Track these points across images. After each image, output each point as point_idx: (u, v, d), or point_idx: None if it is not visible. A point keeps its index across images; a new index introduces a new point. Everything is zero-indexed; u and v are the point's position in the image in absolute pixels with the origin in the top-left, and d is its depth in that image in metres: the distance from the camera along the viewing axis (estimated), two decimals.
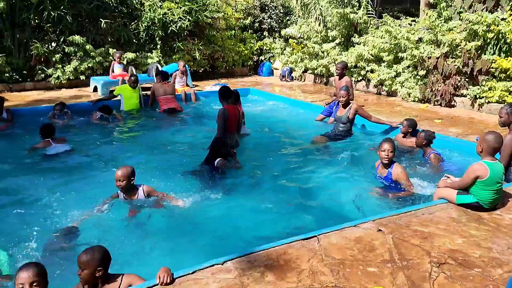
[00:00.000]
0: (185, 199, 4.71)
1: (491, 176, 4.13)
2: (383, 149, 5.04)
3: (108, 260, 3.00)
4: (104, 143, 7.11)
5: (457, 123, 8.04)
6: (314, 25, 12.81)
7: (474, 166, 4.22)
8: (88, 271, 2.89)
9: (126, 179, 4.38)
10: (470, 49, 9.11)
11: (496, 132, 4.29)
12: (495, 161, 4.23)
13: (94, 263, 2.89)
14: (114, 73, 10.73)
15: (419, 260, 3.39)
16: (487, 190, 4.18)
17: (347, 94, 7.31)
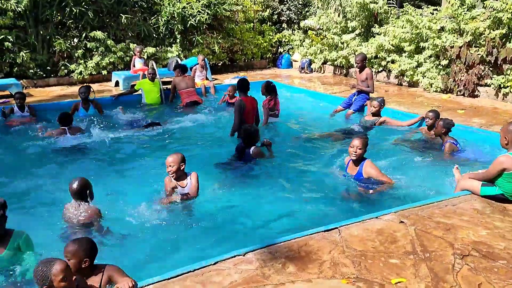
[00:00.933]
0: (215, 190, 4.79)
1: None
2: (352, 145, 4.88)
3: (95, 251, 3.00)
4: (129, 138, 7.20)
5: (480, 114, 7.89)
6: (334, 16, 12.67)
7: (500, 158, 4.13)
8: (75, 261, 2.89)
9: (177, 165, 4.48)
10: (494, 38, 8.89)
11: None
12: None
13: (81, 254, 2.90)
14: (135, 68, 10.85)
15: (442, 252, 3.36)
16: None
17: (379, 105, 7.41)
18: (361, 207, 4.50)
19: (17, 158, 6.30)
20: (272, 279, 3.01)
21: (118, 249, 3.82)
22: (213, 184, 4.97)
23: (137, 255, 3.76)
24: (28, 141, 6.81)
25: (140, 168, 5.85)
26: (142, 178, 5.42)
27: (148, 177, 5.35)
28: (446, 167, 5.36)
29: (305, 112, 9.00)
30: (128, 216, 4.24)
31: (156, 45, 12.54)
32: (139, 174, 5.59)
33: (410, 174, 5.35)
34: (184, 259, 3.50)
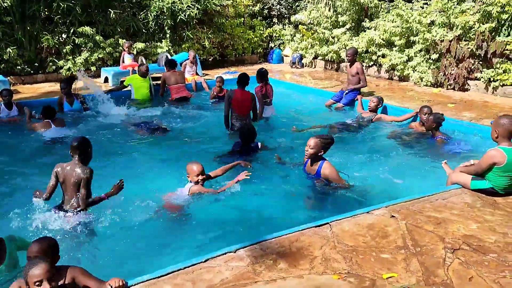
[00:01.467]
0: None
1: (509, 162, 4.04)
2: (306, 145, 4.80)
3: (56, 252, 2.90)
4: (116, 134, 7.13)
5: (471, 107, 7.92)
6: (324, 10, 12.63)
7: (490, 152, 4.13)
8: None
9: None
10: (484, 31, 8.92)
11: (509, 115, 4.21)
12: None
13: (43, 254, 2.76)
14: (124, 64, 10.75)
15: (433, 246, 3.36)
16: (504, 176, 4.10)
17: (378, 102, 7.47)
18: (352, 202, 4.49)
19: (5, 157, 6.21)
20: (263, 276, 2.99)
21: (107, 248, 3.78)
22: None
23: (126, 253, 3.72)
24: (15, 138, 6.73)
25: (133, 165, 5.77)
26: (135, 175, 5.35)
27: (141, 174, 5.30)
28: (436, 161, 5.39)
29: (297, 107, 8.97)
30: (117, 214, 4.18)
31: (145, 40, 12.42)
32: (133, 172, 5.51)
33: (401, 169, 5.37)
34: (175, 257, 3.47)
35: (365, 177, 5.20)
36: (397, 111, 7.70)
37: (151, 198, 4.46)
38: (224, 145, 6.30)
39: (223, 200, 4.64)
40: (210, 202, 4.52)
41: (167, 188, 4.70)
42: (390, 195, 4.55)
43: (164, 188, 4.69)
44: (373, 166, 5.56)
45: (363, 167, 5.55)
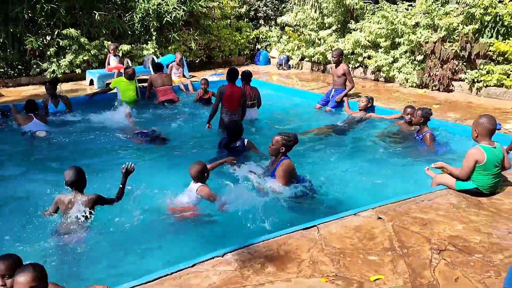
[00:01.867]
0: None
1: (488, 160, 4.11)
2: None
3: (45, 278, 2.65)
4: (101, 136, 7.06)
5: (455, 108, 8.02)
6: (310, 12, 12.68)
7: (471, 151, 4.20)
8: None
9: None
10: (468, 33, 9.04)
11: (488, 115, 4.29)
12: (493, 145, 4.20)
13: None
14: (109, 66, 10.65)
15: (419, 247, 3.39)
16: (486, 175, 4.16)
17: (367, 101, 7.59)
18: (339, 204, 4.50)
19: None
20: (251, 280, 2.98)
21: (93, 254, 3.73)
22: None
23: (112, 258, 3.68)
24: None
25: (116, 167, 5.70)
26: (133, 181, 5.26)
27: (138, 180, 5.21)
28: (421, 162, 5.45)
29: (284, 109, 8.99)
30: (110, 219, 4.14)
31: (131, 42, 12.32)
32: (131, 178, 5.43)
33: (388, 169, 5.41)
34: (161, 262, 3.44)
35: (352, 178, 5.24)
36: (384, 112, 7.76)
37: (146, 203, 4.44)
38: (212, 146, 6.28)
39: (210, 203, 4.62)
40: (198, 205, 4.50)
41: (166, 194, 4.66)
42: (377, 196, 4.58)
43: (163, 195, 4.64)
44: (361, 166, 5.60)
45: (351, 168, 5.59)
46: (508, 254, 3.29)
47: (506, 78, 8.57)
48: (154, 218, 4.28)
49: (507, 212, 3.95)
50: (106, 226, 4.04)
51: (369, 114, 7.54)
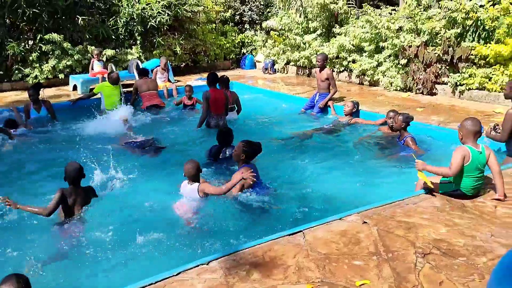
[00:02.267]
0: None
1: (473, 161, 4.14)
2: None
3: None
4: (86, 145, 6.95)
5: (439, 111, 8.10)
6: (295, 16, 12.76)
7: (457, 149, 4.21)
8: None
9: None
10: (450, 37, 9.16)
11: (473, 117, 4.36)
12: (478, 149, 4.23)
13: None
14: (93, 71, 10.56)
15: (404, 251, 3.40)
16: (469, 177, 4.18)
17: (353, 106, 7.62)
18: (325, 208, 4.51)
19: None
20: (236, 287, 2.95)
21: (72, 263, 3.67)
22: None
23: (94, 267, 3.62)
24: None
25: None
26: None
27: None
28: (405, 165, 5.49)
29: (270, 113, 9.00)
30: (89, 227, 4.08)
31: (115, 47, 12.25)
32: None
33: (372, 173, 5.44)
34: (145, 271, 3.40)
35: (337, 183, 5.25)
36: (369, 115, 7.81)
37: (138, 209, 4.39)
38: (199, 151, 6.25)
39: (196, 209, 4.59)
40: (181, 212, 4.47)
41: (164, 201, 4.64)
42: (362, 200, 4.60)
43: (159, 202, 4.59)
44: (345, 171, 5.63)
45: (336, 172, 5.61)
46: (491, 257, 3.31)
47: (488, 81, 8.70)
48: (139, 227, 4.23)
49: (490, 214, 3.99)
50: (89, 236, 3.99)
51: (354, 119, 7.58)
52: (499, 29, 8.55)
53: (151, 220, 4.37)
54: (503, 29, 8.45)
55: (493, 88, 8.55)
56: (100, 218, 4.29)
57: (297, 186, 5.23)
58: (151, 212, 4.50)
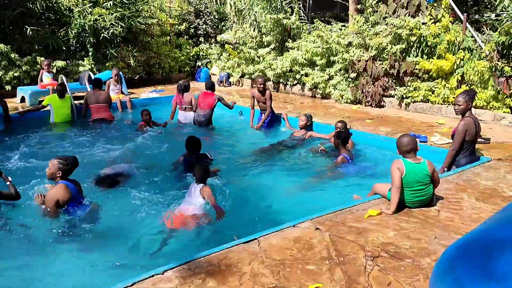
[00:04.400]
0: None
1: (408, 173, 4.29)
2: None
3: None
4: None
5: (387, 122, 8.47)
6: (249, 30, 12.98)
7: (393, 163, 4.38)
8: None
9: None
10: (396, 52, 9.65)
11: (407, 135, 4.55)
12: (418, 162, 4.39)
13: None
14: (43, 83, 10.25)
15: (354, 255, 3.54)
16: (408, 190, 4.33)
17: (306, 120, 7.73)
18: (279, 216, 4.61)
19: None
20: None
21: (16, 273, 3.56)
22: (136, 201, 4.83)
23: (45, 279, 3.52)
24: None
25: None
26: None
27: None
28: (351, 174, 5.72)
29: (228, 125, 9.08)
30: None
31: (66, 58, 11.94)
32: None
33: (324, 181, 5.61)
34: (98, 281, 3.34)
35: (291, 193, 5.38)
36: (321, 127, 8.03)
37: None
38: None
39: (148, 219, 4.57)
40: (133, 223, 4.43)
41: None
42: (315, 207, 4.73)
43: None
44: (299, 181, 5.78)
45: (290, 182, 5.75)
46: (434, 258, 3.51)
47: (431, 94, 9.21)
48: (91, 235, 4.15)
49: (433, 218, 4.22)
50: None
51: (309, 133, 7.71)
52: (440, 45, 9.11)
53: (106, 231, 4.30)
54: (443, 45, 9.01)
55: (436, 100, 9.06)
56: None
57: (253, 197, 5.32)
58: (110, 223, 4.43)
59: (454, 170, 5.51)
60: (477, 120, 5.55)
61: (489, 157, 6.03)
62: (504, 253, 1.67)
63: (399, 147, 4.46)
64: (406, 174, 4.30)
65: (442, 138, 7.05)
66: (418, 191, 4.36)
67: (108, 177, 5.58)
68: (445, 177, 5.24)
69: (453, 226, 4.05)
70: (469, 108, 5.44)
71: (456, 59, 8.83)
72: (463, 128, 5.38)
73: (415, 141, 4.50)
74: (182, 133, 7.81)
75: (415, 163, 4.37)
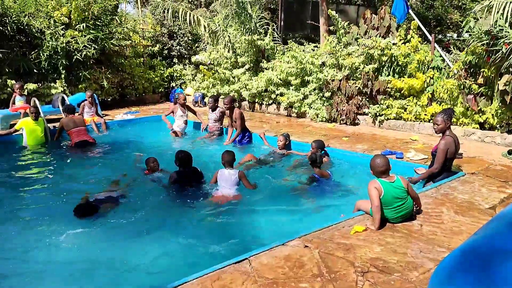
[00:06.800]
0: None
1: (386, 192, 4.40)
2: None
3: None
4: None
5: (362, 140, 8.66)
6: (224, 51, 13.11)
7: (369, 184, 4.46)
8: None
9: None
10: (368, 71, 9.94)
11: (379, 156, 4.66)
12: (392, 180, 4.51)
13: None
14: (15, 106, 10.01)
15: (345, 271, 3.59)
16: (388, 208, 4.43)
17: (284, 139, 7.76)
18: (267, 235, 4.62)
19: None
20: None
21: None
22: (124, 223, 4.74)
23: None
24: None
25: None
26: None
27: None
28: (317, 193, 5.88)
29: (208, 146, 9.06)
30: None
31: (37, 81, 11.73)
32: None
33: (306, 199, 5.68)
34: None
35: (277, 210, 5.41)
36: (299, 145, 8.14)
37: None
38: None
39: (139, 242, 4.50)
40: (126, 246, 4.36)
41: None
42: (302, 225, 4.78)
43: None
44: (282, 199, 5.81)
45: (272, 200, 5.77)
46: (422, 271, 3.60)
47: (404, 111, 9.50)
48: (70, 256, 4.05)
49: (417, 232, 4.34)
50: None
51: (289, 151, 7.80)
52: (410, 65, 9.45)
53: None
54: (414, 65, 9.36)
55: (409, 117, 9.35)
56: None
57: (238, 215, 5.32)
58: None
59: (432, 185, 5.68)
60: (457, 138, 5.65)
61: (463, 172, 6.25)
62: (503, 262, 1.75)
63: (374, 168, 4.55)
64: (384, 194, 4.40)
65: (417, 154, 7.26)
66: (398, 207, 4.46)
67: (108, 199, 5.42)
68: (423, 192, 5.39)
69: (436, 240, 4.17)
70: (448, 127, 5.55)
71: (426, 77, 9.18)
72: (445, 148, 5.49)
73: (388, 161, 4.61)
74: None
75: (390, 182, 4.49)
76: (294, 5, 16.41)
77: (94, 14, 12.64)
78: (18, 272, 3.99)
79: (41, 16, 11.88)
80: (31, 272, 4.02)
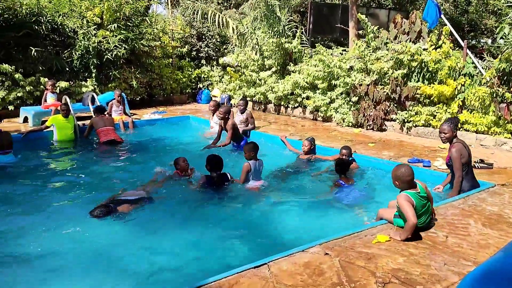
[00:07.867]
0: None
1: (417, 204, 4.33)
2: None
3: None
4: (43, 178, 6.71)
5: (389, 146, 8.51)
6: (251, 54, 13.13)
7: (400, 199, 4.33)
8: None
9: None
10: (397, 77, 9.77)
11: (403, 165, 4.55)
12: (416, 190, 4.43)
13: None
14: (46, 103, 10.29)
15: (365, 281, 3.52)
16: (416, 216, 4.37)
17: (310, 144, 7.64)
18: (287, 241, 4.59)
19: None
20: None
21: None
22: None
23: None
24: None
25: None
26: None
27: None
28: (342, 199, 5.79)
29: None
30: None
31: (69, 79, 12.03)
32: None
33: (330, 205, 5.61)
34: None
35: (299, 216, 5.37)
36: (323, 150, 8.06)
37: None
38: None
39: (157, 244, 4.54)
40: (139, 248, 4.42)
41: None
42: (323, 232, 4.72)
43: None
44: (305, 205, 5.76)
45: (296, 206, 5.73)
46: (445, 285, 3.50)
47: (433, 118, 9.29)
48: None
49: (442, 244, 4.22)
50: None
51: (314, 156, 7.72)
52: (441, 71, 9.24)
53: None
54: (444, 71, 9.14)
55: (438, 125, 9.13)
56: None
57: (260, 218, 5.30)
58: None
59: (459, 196, 5.53)
60: (465, 143, 5.67)
61: (493, 183, 6.06)
62: None
63: (401, 178, 4.41)
64: (416, 206, 4.32)
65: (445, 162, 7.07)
66: (423, 214, 4.41)
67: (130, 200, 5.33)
68: (450, 203, 5.25)
69: (461, 252, 4.05)
70: (454, 135, 5.58)
71: (457, 84, 8.95)
72: (457, 154, 5.43)
73: (411, 170, 4.51)
74: None
75: (417, 192, 4.40)
76: (323, 8, 16.29)
77: (126, 14, 12.89)
78: (41, 256, 4.08)
79: (75, 16, 12.19)
80: (54, 262, 4.11)
